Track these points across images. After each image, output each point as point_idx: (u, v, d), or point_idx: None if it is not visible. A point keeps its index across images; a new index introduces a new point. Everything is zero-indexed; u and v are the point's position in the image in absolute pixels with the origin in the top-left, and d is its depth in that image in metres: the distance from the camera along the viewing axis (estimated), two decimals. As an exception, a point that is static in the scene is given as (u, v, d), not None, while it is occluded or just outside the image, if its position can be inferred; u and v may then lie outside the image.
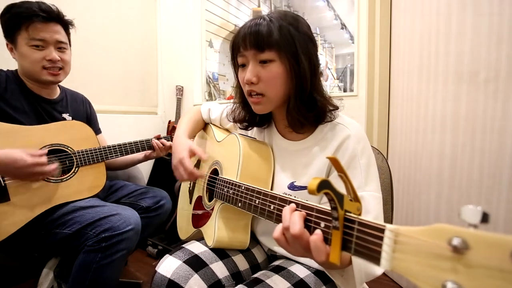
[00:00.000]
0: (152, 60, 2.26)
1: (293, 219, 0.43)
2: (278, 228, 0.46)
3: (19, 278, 1.35)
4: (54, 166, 0.95)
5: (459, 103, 1.16)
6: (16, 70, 1.08)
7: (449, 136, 1.20)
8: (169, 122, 1.37)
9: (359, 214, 0.38)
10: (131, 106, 2.09)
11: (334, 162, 0.36)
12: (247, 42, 0.64)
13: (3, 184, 0.91)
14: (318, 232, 0.41)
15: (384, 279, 1.50)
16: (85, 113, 1.28)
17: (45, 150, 0.97)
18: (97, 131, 1.33)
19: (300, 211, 0.45)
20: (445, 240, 0.26)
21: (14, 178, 0.93)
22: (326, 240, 0.40)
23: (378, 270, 0.54)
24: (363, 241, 0.35)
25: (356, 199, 0.38)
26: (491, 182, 1.09)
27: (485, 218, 0.26)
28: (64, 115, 1.17)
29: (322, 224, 0.41)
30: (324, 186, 0.34)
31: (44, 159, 0.92)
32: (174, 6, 2.29)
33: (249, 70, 0.65)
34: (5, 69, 1.07)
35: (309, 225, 0.43)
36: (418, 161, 1.34)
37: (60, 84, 1.19)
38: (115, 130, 1.46)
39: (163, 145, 1.27)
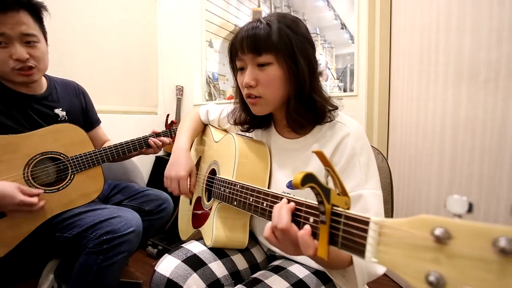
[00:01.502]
0: (152, 60, 2.26)
1: (280, 214, 0.43)
2: (268, 226, 0.46)
3: (19, 278, 1.35)
4: (42, 203, 0.90)
5: (459, 103, 1.15)
6: None
7: (449, 136, 1.19)
8: (167, 115, 1.33)
9: (348, 208, 0.37)
10: (131, 106, 2.09)
11: (320, 156, 0.35)
12: (244, 46, 0.64)
13: None
14: (306, 227, 0.40)
15: (384, 279, 1.49)
16: (79, 105, 1.17)
17: (41, 190, 0.91)
18: (95, 122, 1.26)
19: None
20: (428, 231, 0.26)
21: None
22: (315, 235, 0.40)
23: (380, 270, 0.53)
24: (349, 234, 0.34)
25: (344, 193, 0.37)
26: (491, 182, 1.08)
27: (470, 208, 0.26)
28: (57, 111, 1.06)
29: (311, 219, 0.41)
30: (309, 179, 0.34)
31: (35, 199, 0.87)
32: (174, 6, 2.29)
33: (247, 74, 0.65)
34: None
35: (298, 221, 0.43)
36: (418, 161, 1.33)
37: (46, 73, 1.06)
38: (115, 130, 1.45)
39: (162, 142, 1.20)
